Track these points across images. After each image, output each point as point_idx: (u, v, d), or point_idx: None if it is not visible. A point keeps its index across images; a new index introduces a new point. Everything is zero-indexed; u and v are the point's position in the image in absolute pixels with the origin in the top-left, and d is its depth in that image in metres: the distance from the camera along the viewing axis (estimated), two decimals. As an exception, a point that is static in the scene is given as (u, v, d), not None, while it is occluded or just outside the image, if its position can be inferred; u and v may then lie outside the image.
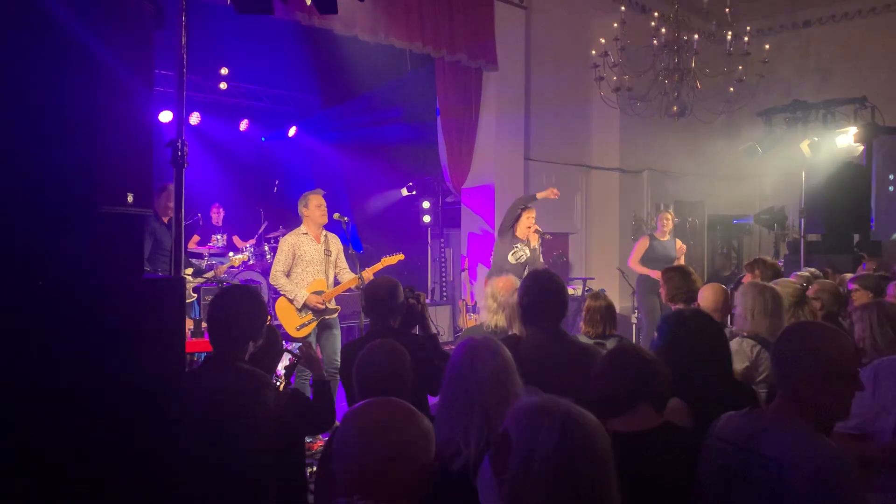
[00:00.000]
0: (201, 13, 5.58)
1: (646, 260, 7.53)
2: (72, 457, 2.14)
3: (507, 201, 8.34)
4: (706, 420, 2.12)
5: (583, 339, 4.01)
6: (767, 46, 7.54)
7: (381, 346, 2.59)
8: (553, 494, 1.39)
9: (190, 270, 7.53)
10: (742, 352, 3.30)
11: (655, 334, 2.85)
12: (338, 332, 5.66)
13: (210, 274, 7.43)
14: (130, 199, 2.44)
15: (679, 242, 7.88)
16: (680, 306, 3.98)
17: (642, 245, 7.69)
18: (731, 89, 7.84)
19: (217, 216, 9.28)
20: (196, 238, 8.59)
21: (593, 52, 7.74)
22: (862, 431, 2.57)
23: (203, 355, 5.79)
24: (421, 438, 1.48)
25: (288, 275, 5.48)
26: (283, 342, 3.30)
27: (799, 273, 5.08)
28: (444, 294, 9.92)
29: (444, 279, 10.01)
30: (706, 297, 3.90)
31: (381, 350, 2.57)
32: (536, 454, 1.41)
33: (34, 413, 2.09)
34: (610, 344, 3.96)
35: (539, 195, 6.90)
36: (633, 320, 8.90)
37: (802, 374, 1.88)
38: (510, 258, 6.56)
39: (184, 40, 3.23)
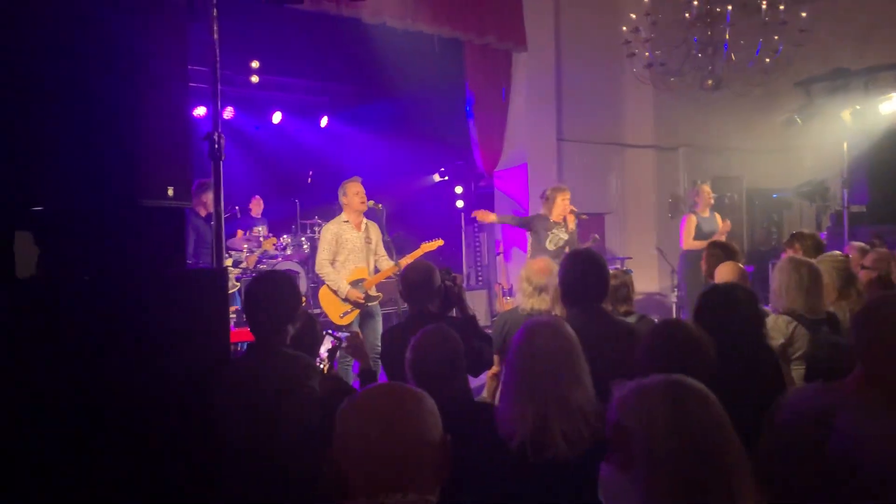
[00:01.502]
0: (231, 6, 5.63)
1: (697, 237, 7.34)
2: (122, 446, 2.21)
3: (540, 183, 8.30)
4: (734, 397, 2.09)
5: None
6: (804, 14, 7.33)
7: (433, 332, 2.58)
8: (684, 470, 1.36)
9: (230, 261, 7.68)
10: (777, 328, 3.24)
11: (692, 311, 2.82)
12: (379, 320, 5.71)
13: (244, 264, 7.56)
14: (171, 192, 2.49)
15: (719, 218, 7.71)
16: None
17: (691, 222, 7.42)
18: (768, 60, 7.63)
19: (257, 208, 9.39)
20: (240, 233, 8.72)
21: (624, 28, 7.62)
22: None
23: (246, 344, 5.92)
24: (429, 416, 1.43)
25: (332, 263, 5.52)
26: (326, 330, 3.34)
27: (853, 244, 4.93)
28: (480, 278, 9.93)
29: (478, 264, 10.02)
30: (723, 275, 3.78)
31: (435, 335, 2.56)
32: (655, 434, 1.39)
33: (83, 403, 2.16)
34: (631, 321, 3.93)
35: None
36: (674, 299, 8.81)
37: (882, 346, 1.83)
38: (548, 245, 6.48)
39: (216, 34, 3.28)
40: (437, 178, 10.64)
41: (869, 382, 1.86)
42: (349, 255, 5.54)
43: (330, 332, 3.24)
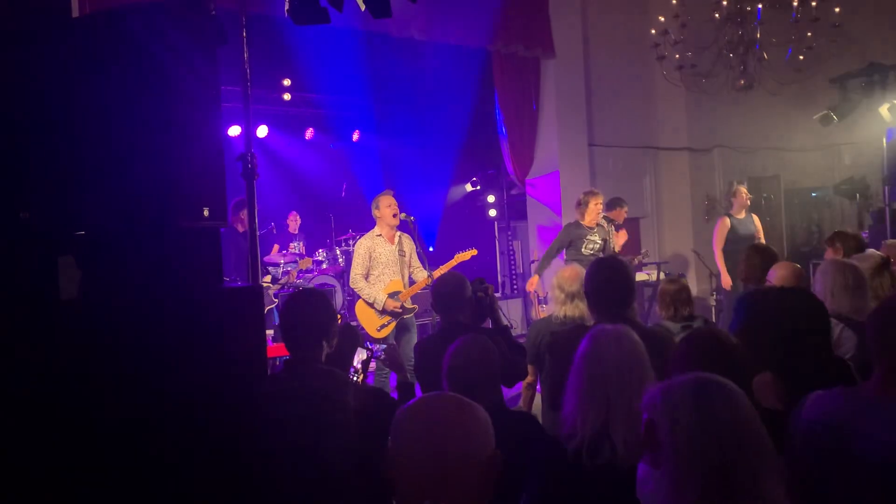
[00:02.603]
0: (262, 27, 5.76)
1: (729, 242, 7.23)
2: (165, 464, 2.26)
3: (573, 190, 8.26)
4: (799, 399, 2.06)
5: (668, 324, 3.93)
6: (838, 10, 7.20)
7: (471, 342, 2.60)
8: (709, 465, 1.37)
9: (268, 278, 7.80)
10: None
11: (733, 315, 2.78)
12: (415, 333, 5.74)
13: (284, 280, 7.67)
14: (206, 213, 2.56)
15: (757, 220, 7.58)
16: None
17: (723, 227, 7.28)
18: (801, 57, 7.52)
19: (294, 224, 9.51)
20: (276, 247, 8.85)
21: (653, 31, 7.58)
22: None
23: (282, 360, 6.01)
24: (479, 428, 1.44)
25: (366, 277, 5.57)
26: (366, 342, 3.38)
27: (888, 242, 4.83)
28: (515, 287, 9.91)
29: (513, 272, 10.00)
30: (781, 276, 3.76)
31: (473, 346, 2.58)
32: (680, 430, 1.40)
33: (126, 423, 2.21)
34: (696, 325, 3.88)
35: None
36: (713, 302, 8.69)
37: (892, 346, 1.78)
38: (584, 251, 6.46)
39: (246, 55, 3.36)
40: (469, 187, 10.66)
41: (891, 384, 1.81)
42: (384, 269, 5.57)
43: (367, 344, 3.28)
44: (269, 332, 6.00)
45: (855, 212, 9.98)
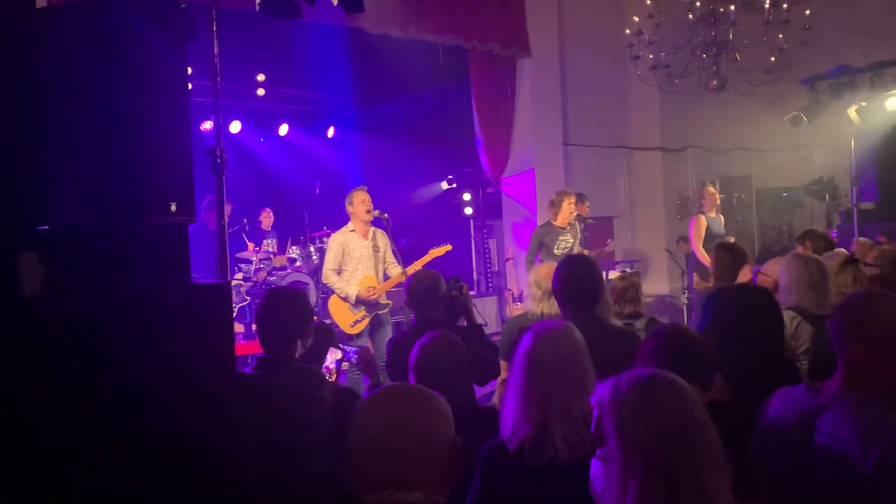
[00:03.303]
0: (235, 21, 5.68)
1: (707, 240, 7.29)
2: (129, 462, 2.22)
3: (548, 188, 8.30)
4: (750, 398, 2.08)
5: (614, 320, 3.96)
6: (808, 12, 7.30)
7: (437, 338, 2.61)
8: (654, 460, 1.39)
9: (240, 276, 7.72)
10: None
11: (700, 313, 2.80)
12: (389, 328, 5.72)
13: (256, 277, 7.60)
14: (174, 208, 2.51)
15: (723, 221, 7.67)
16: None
17: (701, 224, 7.32)
18: (773, 59, 7.61)
19: (267, 220, 9.41)
20: (252, 246, 8.76)
21: (627, 31, 7.62)
22: None
23: (255, 357, 5.95)
24: (438, 416, 1.44)
25: (339, 273, 5.54)
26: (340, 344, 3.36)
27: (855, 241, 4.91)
28: (490, 285, 9.92)
29: (488, 270, 10.01)
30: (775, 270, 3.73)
31: (439, 341, 2.58)
32: (625, 424, 1.42)
33: (89, 421, 2.17)
34: (639, 324, 3.92)
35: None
36: (684, 301, 8.77)
37: (860, 343, 1.81)
38: (556, 250, 6.53)
39: (216, 49, 3.31)
40: (444, 185, 10.64)
41: (851, 383, 1.83)
42: (357, 265, 5.55)
43: (340, 346, 3.26)
44: (240, 330, 5.94)
45: (824, 211, 10.16)
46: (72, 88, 2.37)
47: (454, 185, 10.40)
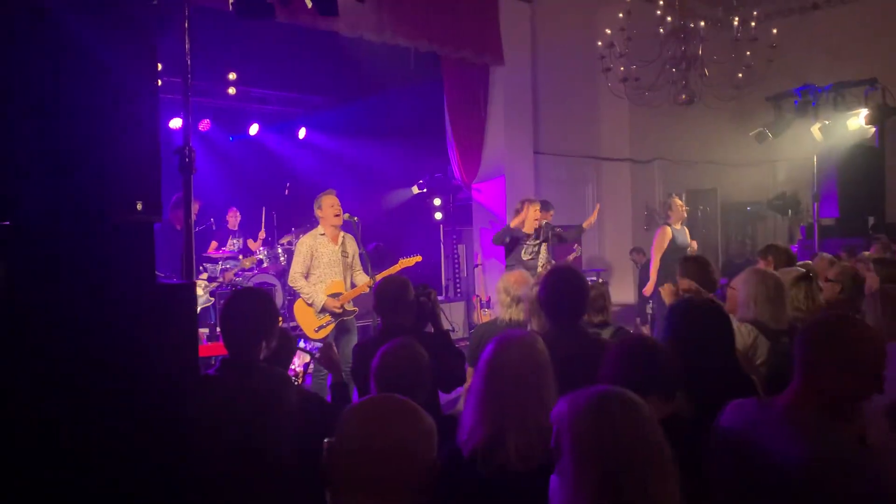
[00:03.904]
0: (208, 19, 5.62)
1: (669, 251, 7.37)
2: (91, 464, 2.18)
3: (518, 195, 8.35)
4: (709, 411, 2.12)
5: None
6: (775, 31, 7.47)
7: (400, 345, 2.60)
8: (603, 473, 1.42)
9: (205, 276, 7.61)
10: (739, 335, 3.30)
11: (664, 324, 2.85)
12: (355, 335, 5.66)
13: (221, 279, 7.51)
14: (140, 206, 2.47)
15: (688, 233, 7.77)
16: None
17: (665, 235, 7.35)
18: (740, 75, 7.77)
19: (234, 220, 9.32)
20: (214, 244, 8.65)
21: (599, 43, 7.71)
22: None
23: (219, 359, 5.88)
24: (423, 436, 1.46)
25: (306, 276, 5.49)
26: (300, 342, 3.33)
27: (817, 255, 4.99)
28: (459, 290, 9.93)
29: (457, 275, 10.02)
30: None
31: (401, 349, 2.57)
32: (579, 439, 1.45)
33: (49, 421, 2.13)
34: (606, 333, 3.96)
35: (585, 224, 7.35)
36: (649, 311, 8.88)
37: (827, 366, 1.86)
38: (523, 255, 6.60)
39: (187, 45, 3.27)
40: (415, 189, 10.64)
41: (804, 399, 1.89)
42: (326, 270, 5.49)
43: (303, 343, 3.22)
44: (204, 331, 5.86)
45: (786, 226, 10.38)
46: (34, 83, 2.32)
47: (425, 190, 10.41)
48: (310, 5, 3.61)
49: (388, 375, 2.50)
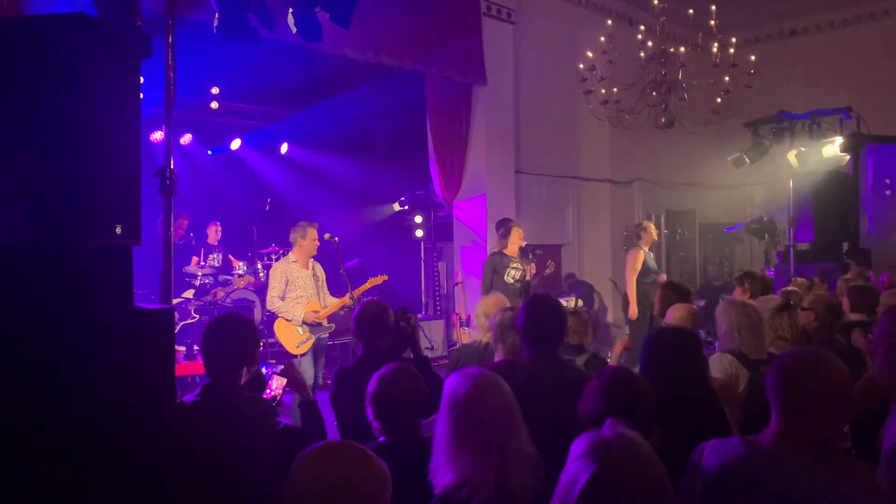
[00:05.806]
0: (191, 32, 5.60)
1: (641, 273, 7.42)
2: (62, 491, 2.15)
3: (499, 214, 8.40)
4: (680, 442, 2.13)
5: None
6: (754, 57, 7.60)
7: (399, 370, 2.58)
8: None
9: (191, 292, 7.55)
10: (723, 367, 3.34)
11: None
12: (323, 359, 6.00)
13: (209, 296, 7.45)
14: (118, 230, 2.45)
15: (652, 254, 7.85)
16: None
17: (638, 257, 7.42)
18: (719, 100, 7.89)
19: (214, 235, 9.24)
20: (195, 259, 8.58)
21: (581, 65, 7.79)
22: None
23: (197, 377, 5.84)
24: (377, 480, 1.47)
25: (283, 299, 5.72)
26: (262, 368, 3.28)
27: (784, 289, 5.03)
28: (438, 308, 9.93)
29: (437, 293, 10.02)
30: (676, 318, 3.71)
31: (400, 374, 2.56)
32: (580, 485, 1.45)
33: (24, 447, 2.09)
34: (580, 360, 3.98)
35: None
36: (627, 332, 8.92)
37: (805, 400, 1.86)
38: (507, 278, 6.61)
39: (171, 60, 3.24)
40: (397, 207, 10.63)
41: (788, 436, 1.89)
42: (301, 292, 5.76)
43: (273, 371, 3.18)
44: (181, 349, 5.82)
45: (763, 250, 10.50)
46: (13, 102, 2.30)
47: (406, 207, 10.41)
48: (294, 31, 3.61)
49: (386, 399, 2.49)
